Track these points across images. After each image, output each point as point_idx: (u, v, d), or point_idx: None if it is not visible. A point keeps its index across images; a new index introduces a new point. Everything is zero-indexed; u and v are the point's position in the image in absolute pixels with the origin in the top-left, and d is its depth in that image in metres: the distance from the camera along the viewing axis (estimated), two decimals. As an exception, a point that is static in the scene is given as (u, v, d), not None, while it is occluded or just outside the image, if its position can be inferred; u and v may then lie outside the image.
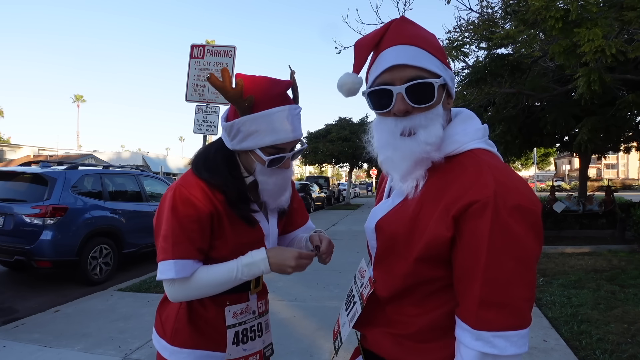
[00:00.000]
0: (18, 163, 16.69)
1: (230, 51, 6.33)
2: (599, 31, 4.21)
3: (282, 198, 1.23)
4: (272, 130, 1.08)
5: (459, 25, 7.63)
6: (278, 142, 1.10)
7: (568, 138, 9.20)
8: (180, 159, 50.25)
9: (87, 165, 6.69)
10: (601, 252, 6.93)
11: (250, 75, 1.13)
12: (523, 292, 0.75)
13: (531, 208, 0.77)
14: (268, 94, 1.10)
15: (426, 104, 0.83)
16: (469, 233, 0.78)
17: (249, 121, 1.08)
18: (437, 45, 0.89)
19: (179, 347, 1.17)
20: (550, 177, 53.07)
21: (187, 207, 1.09)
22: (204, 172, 1.14)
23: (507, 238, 0.75)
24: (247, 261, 1.13)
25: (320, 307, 4.13)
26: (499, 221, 0.75)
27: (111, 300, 4.60)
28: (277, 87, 1.13)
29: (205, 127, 6.41)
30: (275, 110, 1.08)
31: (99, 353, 3.17)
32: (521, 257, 0.76)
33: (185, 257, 1.08)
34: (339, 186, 29.60)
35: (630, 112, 6.69)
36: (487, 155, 0.86)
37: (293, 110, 1.12)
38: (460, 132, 0.88)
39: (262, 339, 1.28)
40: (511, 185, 0.78)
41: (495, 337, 0.74)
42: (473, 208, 0.77)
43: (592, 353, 3.09)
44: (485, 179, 0.78)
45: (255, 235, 1.21)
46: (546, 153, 20.69)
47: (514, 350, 0.74)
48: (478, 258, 0.76)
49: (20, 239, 5.01)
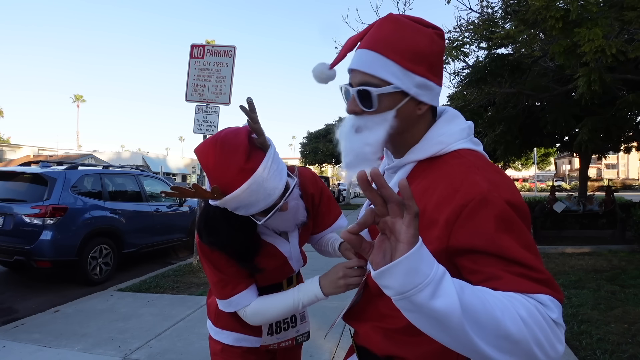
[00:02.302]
0: (18, 163, 16.68)
1: (230, 51, 6.33)
2: (599, 31, 4.20)
3: (297, 219, 1.25)
4: (252, 203, 1.06)
5: (459, 25, 7.62)
6: (261, 210, 1.09)
7: (568, 138, 9.20)
8: (180, 159, 50.26)
9: (87, 165, 6.69)
10: (601, 252, 6.93)
11: (204, 149, 1.07)
12: (547, 273, 0.73)
13: (521, 202, 0.77)
14: (228, 176, 1.03)
15: (370, 109, 0.85)
16: (472, 232, 0.74)
17: (228, 203, 1.06)
18: (404, 49, 0.83)
19: (221, 328, 1.35)
20: (551, 177, 53.07)
21: (215, 253, 1.19)
22: (205, 236, 1.19)
23: (512, 227, 0.73)
24: (301, 288, 1.21)
25: (321, 307, 4.11)
26: (502, 214, 0.73)
27: (111, 300, 4.59)
28: (234, 158, 1.03)
29: (205, 127, 6.41)
30: (244, 189, 1.03)
31: (99, 353, 3.17)
32: (528, 245, 0.73)
33: (236, 292, 1.20)
34: (339, 186, 29.60)
35: (631, 112, 6.69)
36: (473, 155, 0.85)
37: (262, 173, 1.04)
38: (444, 133, 0.87)
39: (296, 328, 1.38)
40: (501, 183, 0.78)
41: (551, 301, 0.70)
42: (469, 207, 0.74)
43: (593, 353, 3.09)
44: (475, 178, 0.77)
45: (278, 262, 1.28)
46: (546, 153, 20.66)
47: (562, 327, 0.71)
48: (492, 253, 0.72)
49: (20, 239, 5.01)
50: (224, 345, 1.35)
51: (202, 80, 6.35)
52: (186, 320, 3.90)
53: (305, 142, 22.78)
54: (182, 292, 4.90)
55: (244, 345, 1.34)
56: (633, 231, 7.20)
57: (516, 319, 0.64)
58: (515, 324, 0.64)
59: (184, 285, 5.16)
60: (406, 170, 0.90)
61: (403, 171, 0.91)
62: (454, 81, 7.93)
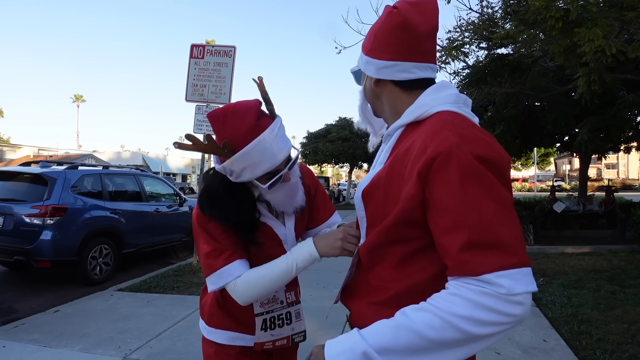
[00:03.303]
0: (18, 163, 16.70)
1: (230, 51, 6.33)
2: (599, 31, 4.20)
3: (296, 201, 1.29)
4: (259, 162, 1.12)
5: (459, 25, 7.62)
6: (267, 170, 1.14)
7: (568, 138, 9.20)
8: (180, 159, 50.30)
9: (87, 165, 6.69)
10: (601, 252, 6.93)
11: (217, 112, 1.16)
12: (511, 231, 0.74)
13: (495, 157, 0.78)
14: (240, 132, 1.11)
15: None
16: (440, 186, 0.76)
17: (235, 162, 1.12)
18: (368, 34, 1.02)
19: (214, 327, 1.34)
20: (551, 177, 53.08)
21: (212, 222, 1.20)
22: (207, 208, 1.21)
23: (480, 182, 0.74)
24: (297, 252, 1.18)
25: (320, 307, 4.12)
26: (467, 167, 0.75)
27: (111, 300, 4.59)
28: (246, 118, 1.13)
29: (205, 127, 6.41)
30: (254, 144, 1.11)
31: (99, 353, 3.17)
32: (499, 199, 0.75)
33: (230, 262, 1.18)
34: (339, 186, 29.61)
35: (631, 112, 6.69)
36: (452, 115, 0.86)
37: (271, 134, 1.13)
38: (429, 99, 0.92)
39: (291, 326, 1.37)
40: (473, 137, 0.79)
41: (498, 277, 0.70)
42: (437, 161, 0.76)
43: (593, 353, 3.09)
44: (445, 133, 0.79)
45: (274, 243, 1.29)
46: (546, 153, 20.66)
47: (522, 287, 0.70)
48: (456, 208, 0.74)
49: (20, 239, 5.01)
50: (218, 348, 1.34)
51: (202, 80, 6.35)
52: (186, 320, 3.90)
53: (305, 142, 22.76)
54: (182, 292, 4.91)
55: (238, 345, 1.33)
56: (633, 231, 7.20)
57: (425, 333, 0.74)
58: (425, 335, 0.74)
59: (184, 285, 5.16)
60: (396, 135, 0.96)
61: (394, 136, 0.97)
62: (454, 81, 7.93)
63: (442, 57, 6.77)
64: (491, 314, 0.71)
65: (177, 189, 7.91)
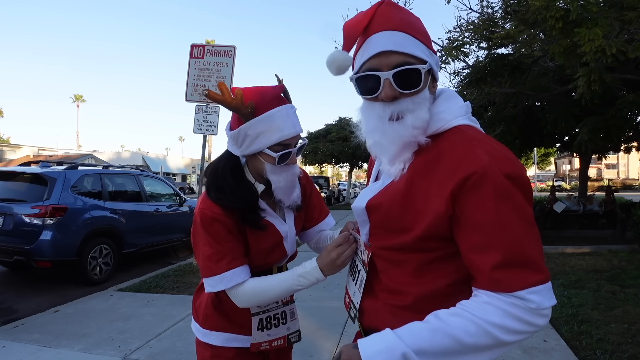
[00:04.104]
0: (18, 163, 16.68)
1: (230, 51, 6.33)
2: (599, 31, 4.20)
3: (294, 194, 1.31)
4: (277, 128, 1.17)
5: (459, 25, 7.63)
6: (284, 138, 1.19)
7: (568, 138, 9.20)
8: (180, 159, 50.30)
9: (87, 165, 6.68)
10: (601, 252, 6.93)
11: (244, 87, 1.23)
12: (537, 248, 0.79)
13: (521, 174, 0.82)
14: (265, 98, 1.19)
15: (413, 89, 0.85)
16: (474, 205, 0.79)
17: (254, 125, 1.16)
18: (423, 30, 0.90)
19: (209, 329, 1.33)
20: (551, 177, 53.07)
21: (216, 224, 1.19)
22: (212, 192, 1.23)
23: (512, 202, 0.78)
24: (300, 271, 1.20)
25: (320, 307, 4.12)
26: (500, 187, 0.78)
27: (111, 300, 4.59)
28: (271, 91, 1.22)
29: (205, 126, 6.42)
30: (276, 110, 1.18)
31: (99, 353, 3.17)
32: (527, 218, 0.80)
33: (232, 268, 1.19)
34: (339, 186, 29.59)
35: (631, 112, 6.69)
36: (472, 130, 0.89)
37: (290, 109, 1.23)
38: (445, 110, 0.90)
39: (286, 325, 1.38)
40: (501, 156, 0.81)
41: (529, 294, 0.76)
42: (471, 180, 0.78)
43: (593, 353, 3.09)
44: (477, 152, 0.81)
45: (274, 240, 1.30)
46: (546, 153, 20.70)
47: (548, 302, 0.77)
48: (489, 227, 0.78)
49: (20, 239, 5.01)
50: (213, 351, 1.32)
51: (202, 80, 6.35)
52: (186, 320, 3.89)
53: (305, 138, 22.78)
54: (182, 292, 4.90)
55: (234, 346, 1.32)
56: (633, 231, 7.20)
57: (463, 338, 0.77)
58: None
59: (184, 285, 5.16)
60: None
61: None
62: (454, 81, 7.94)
63: (443, 57, 6.77)
64: (521, 324, 0.77)
65: (177, 189, 7.91)
